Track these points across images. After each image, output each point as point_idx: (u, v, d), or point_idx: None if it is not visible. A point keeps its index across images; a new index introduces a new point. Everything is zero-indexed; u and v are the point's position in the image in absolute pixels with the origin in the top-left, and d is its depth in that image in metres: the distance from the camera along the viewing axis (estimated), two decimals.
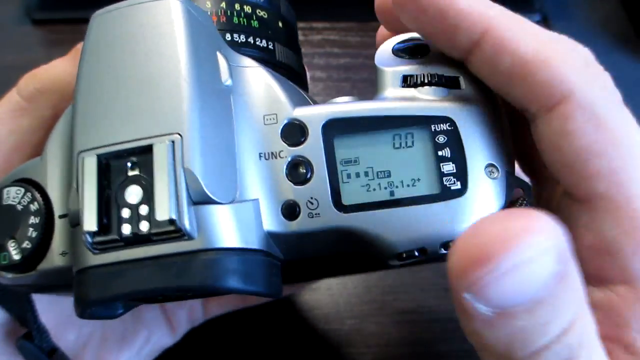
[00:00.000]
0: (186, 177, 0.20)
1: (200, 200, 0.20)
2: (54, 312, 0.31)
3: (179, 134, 0.20)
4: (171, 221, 0.19)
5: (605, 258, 0.20)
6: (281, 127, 0.22)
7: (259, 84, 0.23)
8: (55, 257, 0.22)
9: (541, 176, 0.26)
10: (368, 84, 0.50)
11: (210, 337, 0.40)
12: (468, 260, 0.16)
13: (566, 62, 0.20)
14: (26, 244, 0.22)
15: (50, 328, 0.29)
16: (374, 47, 0.27)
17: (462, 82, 0.23)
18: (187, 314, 0.36)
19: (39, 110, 0.27)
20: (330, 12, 0.54)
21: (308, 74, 0.31)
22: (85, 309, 0.21)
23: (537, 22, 0.24)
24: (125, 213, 0.20)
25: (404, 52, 0.24)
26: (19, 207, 0.23)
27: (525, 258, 0.16)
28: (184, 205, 0.20)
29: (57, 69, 0.27)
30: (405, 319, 0.40)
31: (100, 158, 0.21)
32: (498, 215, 0.17)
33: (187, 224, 0.20)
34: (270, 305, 0.41)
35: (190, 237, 0.20)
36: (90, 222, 0.20)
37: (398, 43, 0.25)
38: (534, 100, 0.21)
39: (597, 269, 0.21)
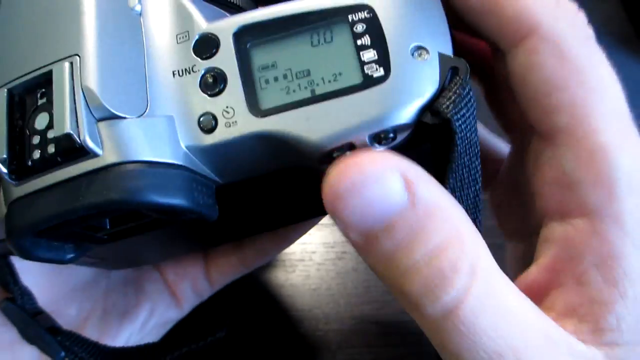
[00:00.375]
0: (85, 95, 0.20)
1: (104, 116, 0.20)
2: (54, 286, 0.31)
3: (78, 55, 0.20)
4: (68, 136, 0.19)
5: (565, 192, 0.21)
6: (193, 42, 0.22)
7: (170, 5, 0.23)
8: (2, 209, 0.22)
9: (520, 128, 0.25)
10: None
11: (210, 336, 0.40)
12: (327, 196, 0.19)
13: None
14: None
15: (49, 304, 0.29)
16: None
17: None
18: (191, 285, 0.36)
19: None
20: None
21: None
22: (17, 246, 0.21)
23: None
24: (35, 140, 0.20)
25: None
26: None
27: (368, 182, 0.18)
28: (83, 120, 0.19)
29: None
30: (405, 319, 0.40)
31: (11, 92, 0.21)
32: (353, 155, 0.19)
33: (87, 139, 0.19)
34: (270, 305, 0.41)
35: (94, 154, 0.20)
36: (0, 151, 0.20)
37: None
38: (502, 35, 0.21)
39: (557, 203, 0.21)
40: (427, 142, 0.22)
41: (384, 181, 0.18)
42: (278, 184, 0.24)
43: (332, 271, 0.42)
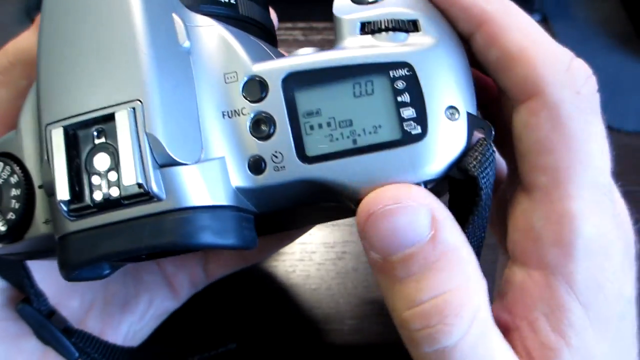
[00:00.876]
0: (149, 142, 0.20)
1: (166, 162, 0.21)
2: (55, 280, 0.31)
3: (139, 100, 0.21)
4: (139, 185, 0.20)
5: (529, 244, 0.23)
6: (242, 84, 0.23)
7: (217, 42, 0.23)
8: (40, 225, 0.23)
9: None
10: None
11: (210, 337, 0.40)
12: (361, 214, 0.21)
13: (545, 63, 0.22)
14: (10, 215, 0.23)
15: (53, 296, 0.30)
16: None
17: (421, 24, 0.23)
18: (189, 277, 0.37)
19: (13, 81, 0.28)
20: (330, 12, 0.54)
21: None
22: (69, 273, 0.22)
23: (537, 22, 0.24)
24: (96, 180, 0.21)
25: None
26: (0, 181, 0.23)
27: (400, 211, 0.21)
28: (150, 169, 0.20)
29: (25, 41, 0.28)
30: None
31: (66, 129, 0.21)
32: (394, 185, 0.21)
33: (154, 186, 0.20)
34: (270, 305, 0.41)
35: (159, 199, 0.21)
36: (62, 192, 0.21)
37: None
38: (511, 92, 0.23)
39: (522, 251, 0.23)
40: (448, 191, 0.24)
41: (414, 213, 0.21)
42: (309, 210, 0.26)
43: (332, 271, 0.42)
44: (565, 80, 0.22)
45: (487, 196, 0.23)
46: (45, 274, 0.30)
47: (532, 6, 0.54)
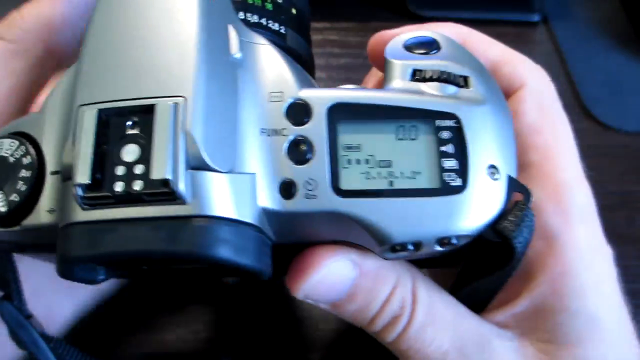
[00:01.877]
0: (186, 141, 0.20)
1: (198, 165, 0.20)
2: None
3: (184, 97, 0.20)
4: (165, 182, 0.19)
5: None
6: (286, 105, 0.22)
7: (268, 61, 0.23)
8: (42, 213, 0.22)
9: None
10: None
11: (210, 337, 0.40)
12: (297, 280, 0.23)
13: (523, 62, 0.27)
14: (14, 197, 0.22)
15: None
16: None
17: (472, 82, 0.23)
18: None
19: (30, 49, 0.27)
20: (330, 12, 0.54)
21: None
22: (68, 266, 0.21)
23: (537, 22, 0.24)
24: (120, 170, 0.20)
25: (415, 47, 0.24)
26: (11, 160, 0.22)
27: (324, 274, 0.23)
28: (181, 167, 0.19)
29: (43, 7, 0.28)
30: None
31: (100, 113, 0.20)
32: (313, 250, 0.23)
33: (182, 186, 0.19)
34: (270, 304, 0.41)
35: (183, 202, 0.20)
36: (82, 175, 0.20)
37: (410, 38, 0.25)
38: (502, 88, 0.26)
39: None
40: (482, 251, 0.24)
41: (338, 267, 0.23)
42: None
43: None
44: (540, 75, 0.27)
45: (518, 261, 0.23)
46: None
47: (532, 6, 0.54)
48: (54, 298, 0.34)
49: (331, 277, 0.23)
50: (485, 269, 0.24)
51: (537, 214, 0.24)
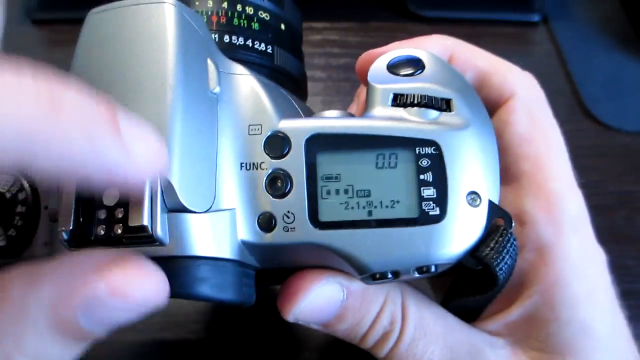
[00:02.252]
0: (162, 186, 0.20)
1: (175, 208, 0.20)
2: None
3: None
4: (143, 227, 0.19)
5: (522, 228, 0.25)
6: (265, 138, 0.22)
7: (247, 92, 0.23)
8: (39, 246, 0.23)
9: None
10: None
11: (210, 337, 0.40)
12: (287, 305, 0.23)
13: (512, 72, 0.27)
14: (11, 232, 0.23)
15: None
16: (374, 47, 0.27)
17: (455, 104, 0.23)
18: None
19: None
20: (330, 12, 0.54)
21: (307, 74, 0.31)
22: None
23: (537, 22, 0.24)
24: (102, 214, 0.20)
25: (399, 67, 0.24)
26: (8, 195, 0.23)
27: (312, 297, 0.23)
28: (157, 213, 0.20)
29: None
30: None
31: None
32: (300, 275, 0.23)
33: (159, 231, 0.20)
34: (270, 305, 0.41)
35: (161, 243, 0.20)
36: (66, 222, 0.20)
37: (394, 58, 0.24)
38: (492, 98, 0.26)
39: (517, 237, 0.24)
40: (465, 274, 0.24)
41: (326, 291, 0.23)
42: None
43: None
44: (529, 83, 0.27)
45: (502, 286, 0.23)
46: None
47: (532, 6, 0.54)
48: None
49: (320, 300, 0.23)
50: (471, 289, 0.24)
51: (529, 225, 0.24)
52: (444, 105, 0.23)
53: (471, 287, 0.24)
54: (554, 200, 0.24)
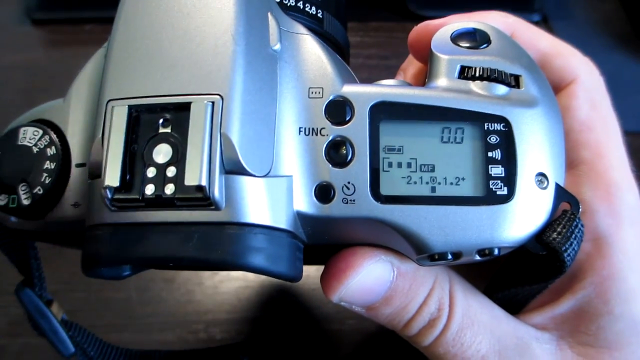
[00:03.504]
0: (222, 143, 0.18)
1: (233, 169, 0.19)
2: None
3: (220, 96, 0.19)
4: (199, 188, 0.18)
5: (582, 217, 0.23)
6: (326, 102, 0.21)
7: (308, 53, 0.22)
8: (67, 207, 0.21)
9: None
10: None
11: (210, 336, 0.40)
12: (334, 283, 0.22)
13: (574, 56, 0.25)
14: (38, 190, 0.21)
15: None
16: (374, 47, 0.27)
17: (524, 81, 0.22)
18: None
19: None
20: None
21: None
22: (94, 268, 0.20)
23: (537, 22, 0.24)
24: (151, 172, 0.19)
25: (463, 39, 0.23)
26: (35, 150, 0.21)
27: (362, 276, 0.22)
28: (216, 173, 0.18)
29: None
30: None
31: (131, 109, 0.19)
32: (351, 252, 0.22)
33: (217, 193, 0.18)
34: (270, 304, 0.41)
35: (217, 208, 0.18)
36: (112, 178, 0.18)
37: (458, 29, 0.23)
38: (552, 82, 0.24)
39: None
40: (523, 261, 0.23)
41: (377, 270, 0.22)
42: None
43: None
44: (590, 69, 0.25)
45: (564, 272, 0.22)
46: None
47: (532, 6, 0.54)
48: None
49: (369, 280, 0.22)
50: (526, 277, 0.23)
51: (587, 214, 0.23)
52: (513, 81, 0.22)
53: (527, 275, 0.23)
54: (614, 190, 0.23)
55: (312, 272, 0.43)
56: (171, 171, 0.18)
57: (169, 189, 0.18)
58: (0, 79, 0.48)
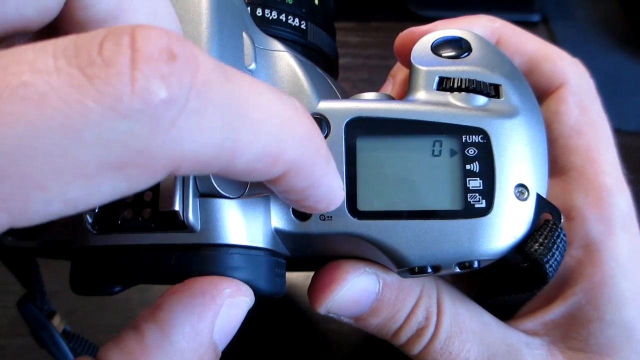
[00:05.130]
0: None
1: (207, 192, 0.19)
2: None
3: None
4: (174, 212, 0.18)
5: (570, 224, 0.23)
6: None
7: (284, 70, 0.22)
8: (59, 228, 0.22)
9: None
10: (368, 84, 0.50)
11: None
12: (320, 296, 0.23)
13: (562, 58, 0.25)
14: None
15: None
16: (374, 47, 0.27)
17: (504, 91, 0.22)
18: None
19: None
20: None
21: None
22: (81, 290, 0.20)
23: (537, 22, 0.24)
24: (129, 197, 0.19)
25: (444, 48, 0.23)
26: None
27: (348, 288, 0.22)
28: (189, 197, 0.19)
29: None
30: None
31: None
32: (336, 264, 0.22)
33: (190, 217, 0.19)
34: (270, 305, 0.41)
35: (192, 230, 0.19)
36: None
37: (438, 38, 0.23)
38: (540, 86, 0.25)
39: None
40: (507, 271, 0.23)
41: (362, 282, 0.22)
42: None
43: None
44: (580, 71, 0.25)
45: (547, 283, 0.21)
46: None
47: (532, 6, 0.54)
48: None
49: (355, 292, 0.22)
50: (511, 287, 0.23)
51: (578, 221, 0.23)
52: (492, 91, 0.22)
53: (512, 285, 0.23)
54: (605, 196, 0.23)
55: (312, 272, 0.43)
56: (148, 196, 0.19)
57: (147, 213, 0.19)
58: None
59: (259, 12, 0.24)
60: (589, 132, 0.24)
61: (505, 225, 0.21)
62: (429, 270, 0.21)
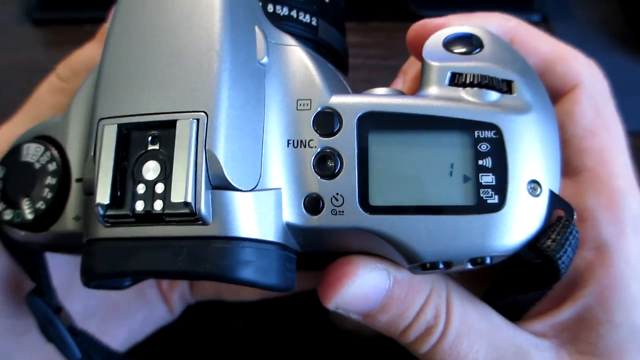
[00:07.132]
0: (207, 160, 0.19)
1: (220, 185, 0.19)
2: (63, 279, 0.31)
3: (205, 113, 0.19)
4: (186, 204, 0.19)
5: (582, 225, 0.23)
6: (314, 114, 0.21)
7: (296, 65, 0.22)
8: (69, 220, 0.22)
9: None
10: (368, 84, 0.50)
11: (212, 337, 0.40)
12: (330, 291, 0.22)
13: (576, 59, 0.25)
14: (40, 204, 0.22)
15: (59, 296, 0.30)
16: (374, 47, 0.27)
17: (516, 87, 0.22)
18: (179, 294, 0.37)
19: (74, 88, 0.28)
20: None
21: None
22: (91, 281, 0.21)
23: (537, 22, 0.24)
24: (140, 189, 0.19)
25: (456, 45, 0.23)
26: (37, 166, 0.22)
27: (358, 284, 0.22)
28: (202, 189, 0.19)
29: (87, 52, 0.29)
30: None
31: (120, 128, 0.20)
32: (346, 260, 0.22)
33: (202, 208, 0.19)
34: (270, 304, 0.41)
35: (204, 222, 0.19)
36: (103, 195, 0.19)
37: (450, 34, 0.23)
38: (554, 88, 0.25)
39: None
40: (519, 268, 0.22)
41: (372, 277, 0.22)
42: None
43: None
44: (594, 73, 0.25)
45: (559, 280, 0.21)
46: (53, 270, 0.30)
47: (532, 6, 0.54)
48: (107, 321, 0.34)
49: (365, 288, 0.22)
50: (522, 285, 0.23)
51: (590, 222, 0.23)
52: (504, 87, 0.22)
53: (523, 283, 0.23)
54: (617, 198, 0.23)
55: None
56: (160, 187, 0.19)
57: (158, 205, 0.19)
58: (0, 79, 0.48)
59: (270, 8, 0.24)
60: (603, 133, 0.24)
61: (518, 221, 0.20)
62: (441, 266, 0.21)
